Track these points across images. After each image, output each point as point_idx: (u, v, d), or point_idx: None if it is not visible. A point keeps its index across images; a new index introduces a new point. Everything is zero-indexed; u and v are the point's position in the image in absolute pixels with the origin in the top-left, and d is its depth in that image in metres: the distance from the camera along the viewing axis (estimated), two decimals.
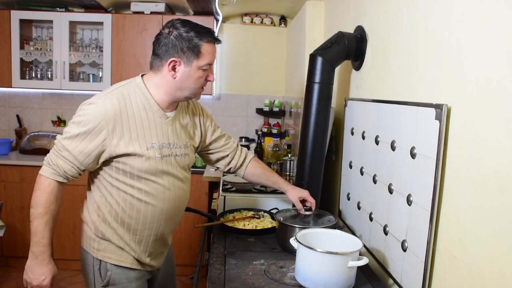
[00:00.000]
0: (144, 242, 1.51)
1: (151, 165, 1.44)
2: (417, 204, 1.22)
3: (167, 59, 1.41)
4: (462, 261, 1.04)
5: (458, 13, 1.09)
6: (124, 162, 1.41)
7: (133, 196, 1.45)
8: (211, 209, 2.51)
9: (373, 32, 1.74)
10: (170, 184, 1.51)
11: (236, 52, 3.90)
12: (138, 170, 1.43)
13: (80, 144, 1.36)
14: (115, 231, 1.47)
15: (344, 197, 1.95)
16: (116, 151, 1.39)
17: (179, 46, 1.40)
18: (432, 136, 1.13)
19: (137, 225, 1.48)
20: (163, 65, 1.43)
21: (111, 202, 1.46)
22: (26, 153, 3.58)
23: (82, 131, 1.36)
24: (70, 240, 3.37)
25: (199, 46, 1.42)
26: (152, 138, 1.45)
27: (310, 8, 2.70)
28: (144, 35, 3.47)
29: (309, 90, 1.87)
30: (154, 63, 1.46)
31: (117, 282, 1.49)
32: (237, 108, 3.96)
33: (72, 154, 1.37)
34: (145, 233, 1.50)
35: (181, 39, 1.40)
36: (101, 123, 1.36)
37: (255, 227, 1.86)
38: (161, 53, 1.42)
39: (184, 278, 3.37)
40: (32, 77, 3.60)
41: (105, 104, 1.38)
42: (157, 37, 1.45)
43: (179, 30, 1.41)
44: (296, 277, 1.35)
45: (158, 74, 1.46)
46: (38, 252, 1.38)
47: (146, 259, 1.54)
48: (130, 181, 1.44)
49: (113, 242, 1.48)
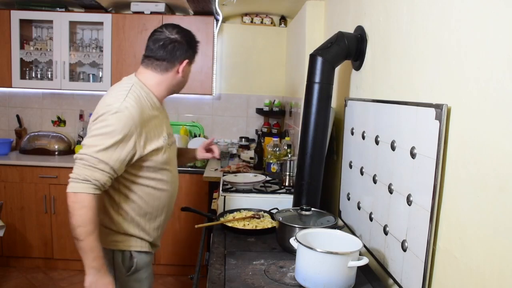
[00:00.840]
0: (160, 227, 1.66)
1: (168, 156, 1.59)
2: (417, 204, 1.22)
3: (180, 60, 1.57)
4: (462, 261, 1.04)
5: (458, 13, 1.09)
6: (149, 159, 1.51)
7: (155, 188, 1.57)
8: (211, 209, 2.51)
9: (373, 32, 1.74)
10: (174, 168, 1.68)
11: (236, 52, 3.90)
12: (160, 163, 1.55)
13: (115, 153, 1.39)
14: (138, 224, 1.57)
15: (344, 197, 1.95)
16: (144, 151, 1.48)
17: (187, 49, 1.58)
18: (432, 136, 1.13)
19: (156, 212, 1.61)
20: (174, 65, 1.57)
21: (134, 199, 1.54)
22: (26, 153, 3.57)
23: (116, 141, 1.39)
24: (70, 240, 3.37)
25: (197, 48, 1.65)
26: (163, 132, 1.58)
27: (310, 8, 2.70)
28: (144, 35, 3.46)
29: (309, 90, 1.87)
30: (159, 63, 1.55)
31: (140, 267, 1.60)
32: (237, 108, 3.97)
33: (109, 165, 1.39)
34: (162, 218, 1.65)
35: (188, 43, 1.58)
36: (131, 129, 1.42)
37: (255, 227, 1.86)
38: (168, 55, 1.55)
39: (184, 278, 3.37)
40: (32, 77, 3.60)
41: (130, 110, 1.42)
42: (160, 40, 1.55)
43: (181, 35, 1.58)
44: (296, 277, 1.35)
45: (162, 73, 1.57)
46: (99, 266, 1.41)
47: (158, 241, 1.69)
48: (153, 174, 1.55)
49: (135, 234, 1.57)
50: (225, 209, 2.19)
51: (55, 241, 3.38)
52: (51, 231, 3.36)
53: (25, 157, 3.47)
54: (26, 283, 3.19)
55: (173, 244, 3.39)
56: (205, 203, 3.29)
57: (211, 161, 3.56)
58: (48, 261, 3.43)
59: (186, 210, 2.14)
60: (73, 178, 1.37)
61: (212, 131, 3.97)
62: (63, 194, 3.55)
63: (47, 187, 3.30)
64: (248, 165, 3.28)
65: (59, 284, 3.21)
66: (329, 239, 1.43)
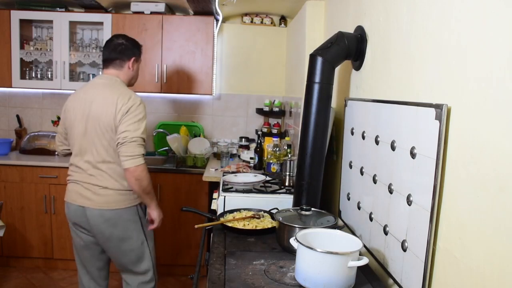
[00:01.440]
0: None
1: None
2: (417, 204, 1.22)
3: (128, 58, 2.18)
4: (462, 261, 1.04)
5: (458, 13, 1.09)
6: None
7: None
8: (211, 209, 2.50)
9: (373, 32, 1.74)
10: None
11: (236, 52, 3.90)
12: None
13: (145, 131, 2.05)
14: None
15: (344, 197, 1.95)
16: None
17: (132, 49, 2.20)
18: (432, 136, 1.13)
19: None
20: (125, 62, 2.18)
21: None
22: (26, 153, 3.58)
23: (145, 123, 2.05)
24: (70, 240, 3.35)
25: (141, 49, 2.28)
26: None
27: (310, 8, 2.70)
28: (144, 35, 3.47)
29: (309, 90, 1.87)
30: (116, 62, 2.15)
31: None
32: (237, 108, 3.97)
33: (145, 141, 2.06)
34: None
35: (132, 45, 2.21)
36: None
37: (255, 227, 1.86)
38: (118, 54, 2.15)
39: (184, 278, 3.37)
40: (32, 77, 3.60)
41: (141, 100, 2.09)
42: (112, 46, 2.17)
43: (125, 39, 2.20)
44: (296, 277, 1.35)
45: (120, 70, 2.17)
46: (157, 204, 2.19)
47: None
48: None
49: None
50: (225, 209, 2.19)
51: (55, 241, 3.38)
52: (51, 231, 3.36)
53: (25, 157, 3.47)
54: (26, 283, 3.19)
55: (173, 244, 3.39)
56: (205, 203, 3.29)
57: (211, 161, 3.56)
58: (48, 261, 3.44)
59: (186, 210, 2.14)
60: (135, 155, 1.97)
61: (212, 131, 3.97)
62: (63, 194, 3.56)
63: (47, 187, 3.30)
64: (248, 165, 3.28)
65: (59, 284, 3.21)
66: (329, 239, 1.43)
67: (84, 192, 2.06)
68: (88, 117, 2.05)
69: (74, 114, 2.10)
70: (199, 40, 3.50)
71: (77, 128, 2.08)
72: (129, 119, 1.98)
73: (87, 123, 2.05)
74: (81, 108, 2.08)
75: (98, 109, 2.02)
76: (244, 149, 3.69)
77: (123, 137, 1.96)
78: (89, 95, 2.08)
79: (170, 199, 3.32)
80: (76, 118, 2.09)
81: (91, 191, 2.05)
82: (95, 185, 2.04)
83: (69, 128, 2.14)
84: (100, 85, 2.10)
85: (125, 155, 1.95)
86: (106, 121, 2.00)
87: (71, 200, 2.12)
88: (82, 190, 2.07)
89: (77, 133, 2.08)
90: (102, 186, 2.04)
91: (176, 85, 3.53)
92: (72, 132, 2.11)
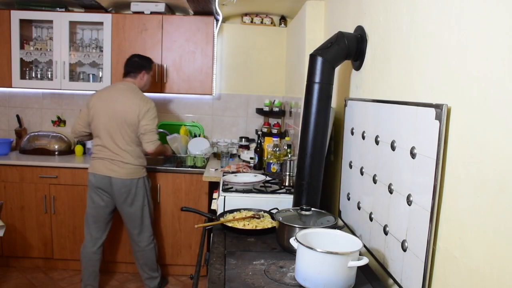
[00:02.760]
0: None
1: None
2: (417, 204, 1.22)
3: (140, 71, 2.99)
4: (462, 261, 1.04)
5: (458, 13, 1.09)
6: None
7: None
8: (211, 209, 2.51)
9: (373, 32, 1.74)
10: None
11: (236, 52, 3.90)
12: None
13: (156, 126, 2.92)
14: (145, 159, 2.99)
15: (344, 197, 1.95)
16: None
17: (143, 64, 3.02)
18: (432, 136, 1.13)
19: None
20: (138, 74, 2.99)
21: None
22: (26, 153, 3.57)
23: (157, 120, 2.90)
24: (70, 240, 3.37)
25: (152, 64, 3.11)
26: None
27: (310, 8, 2.70)
28: (144, 35, 3.47)
29: (309, 90, 1.87)
30: (132, 74, 2.98)
31: None
32: (237, 108, 3.97)
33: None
34: None
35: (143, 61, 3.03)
36: None
37: (255, 227, 1.86)
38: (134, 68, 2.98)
39: (184, 278, 3.37)
40: (32, 77, 3.60)
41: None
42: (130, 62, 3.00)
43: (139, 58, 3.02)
44: (296, 277, 1.35)
45: (135, 79, 2.97)
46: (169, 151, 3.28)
47: None
48: None
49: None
50: (225, 209, 2.19)
51: (55, 241, 3.38)
52: (51, 231, 3.36)
53: (25, 157, 3.47)
54: (26, 283, 3.19)
55: (173, 244, 3.39)
56: (205, 203, 3.29)
57: (211, 161, 3.56)
58: (48, 261, 3.43)
59: (186, 210, 2.14)
60: (153, 140, 2.83)
61: (212, 131, 3.97)
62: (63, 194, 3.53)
63: (47, 187, 3.30)
64: (248, 165, 3.28)
65: (59, 284, 3.21)
66: (329, 239, 1.43)
67: (110, 166, 2.82)
68: (115, 112, 2.79)
69: (100, 108, 2.83)
70: (199, 40, 3.50)
71: (104, 119, 2.80)
72: (148, 116, 2.81)
73: (113, 116, 2.79)
74: (107, 104, 2.83)
75: (124, 108, 2.79)
76: (244, 149, 3.69)
77: (145, 128, 2.79)
78: (113, 95, 2.86)
79: (170, 199, 3.32)
80: (102, 111, 2.82)
81: (116, 165, 2.82)
82: (120, 161, 2.81)
83: (95, 118, 2.83)
84: (123, 89, 2.89)
85: (147, 141, 2.81)
86: (130, 117, 2.79)
87: (99, 171, 2.84)
88: (108, 165, 2.82)
89: (103, 123, 2.81)
90: (125, 162, 2.82)
91: (176, 85, 3.53)
92: (99, 122, 2.82)
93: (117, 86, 2.92)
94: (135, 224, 2.97)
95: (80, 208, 3.30)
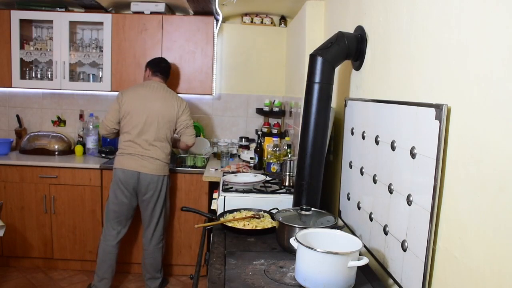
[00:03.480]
0: None
1: None
2: (417, 204, 1.22)
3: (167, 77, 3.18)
4: (462, 261, 1.04)
5: (458, 13, 1.09)
6: None
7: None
8: (211, 209, 2.51)
9: (373, 32, 1.74)
10: None
11: (236, 52, 3.90)
12: None
13: None
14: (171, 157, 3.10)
15: (344, 197, 1.95)
16: None
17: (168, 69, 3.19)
18: (432, 136, 1.13)
19: None
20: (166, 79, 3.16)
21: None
22: (26, 153, 3.57)
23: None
24: (70, 240, 3.37)
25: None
26: None
27: (310, 8, 2.70)
28: (144, 35, 3.47)
29: (309, 90, 1.87)
30: (161, 76, 3.11)
31: None
32: (237, 108, 3.97)
33: None
34: None
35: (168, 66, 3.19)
36: None
37: (255, 227, 1.86)
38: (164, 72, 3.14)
39: (184, 278, 3.37)
40: (32, 77, 3.60)
41: None
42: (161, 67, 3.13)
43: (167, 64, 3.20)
44: (296, 277, 1.35)
45: (164, 81, 3.13)
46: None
47: None
48: None
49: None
50: (225, 209, 2.19)
51: (55, 241, 3.38)
52: (51, 231, 3.36)
53: (25, 157, 3.47)
54: (26, 283, 3.19)
55: (173, 244, 3.39)
56: (205, 203, 3.29)
57: (211, 161, 3.56)
58: (48, 261, 3.43)
59: (186, 210, 2.14)
60: (194, 134, 3.03)
61: (212, 131, 3.97)
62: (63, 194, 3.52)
63: (47, 187, 3.30)
64: (248, 165, 3.28)
65: (59, 284, 3.21)
66: (329, 239, 1.43)
67: (140, 161, 2.87)
68: (151, 109, 2.89)
69: (136, 105, 2.90)
70: (199, 40, 3.50)
71: (139, 116, 2.88)
72: (186, 112, 3.00)
73: (151, 113, 2.89)
74: (144, 101, 2.91)
75: (164, 105, 2.93)
76: (244, 149, 3.70)
77: (186, 123, 2.98)
78: (150, 93, 2.95)
79: (170, 199, 3.32)
80: (138, 108, 2.89)
81: (146, 161, 2.87)
82: (150, 157, 2.87)
83: (129, 115, 2.89)
84: (158, 88, 3.00)
85: (190, 135, 2.99)
86: (169, 114, 2.93)
87: (128, 167, 2.87)
88: (138, 160, 2.87)
89: (137, 120, 2.88)
90: (155, 157, 2.88)
91: (176, 85, 3.53)
92: (132, 119, 2.89)
93: (151, 85, 3.00)
94: (152, 221, 3.01)
95: (80, 208, 3.30)
